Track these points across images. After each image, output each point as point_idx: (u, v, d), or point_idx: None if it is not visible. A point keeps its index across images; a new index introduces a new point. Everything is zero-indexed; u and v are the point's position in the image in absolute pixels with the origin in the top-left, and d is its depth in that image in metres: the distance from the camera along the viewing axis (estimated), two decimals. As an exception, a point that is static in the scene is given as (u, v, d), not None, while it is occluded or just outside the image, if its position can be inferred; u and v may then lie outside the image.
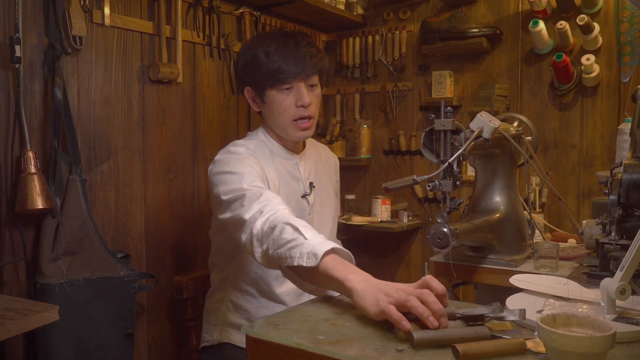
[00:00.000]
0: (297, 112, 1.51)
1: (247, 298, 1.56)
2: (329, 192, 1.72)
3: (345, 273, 1.02)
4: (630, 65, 2.16)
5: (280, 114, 1.52)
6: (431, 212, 2.68)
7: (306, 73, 1.50)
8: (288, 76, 1.48)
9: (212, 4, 2.18)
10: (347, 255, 1.11)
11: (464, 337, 0.87)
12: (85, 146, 1.76)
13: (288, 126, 1.53)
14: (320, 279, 1.09)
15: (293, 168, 1.61)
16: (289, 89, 1.50)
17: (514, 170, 1.55)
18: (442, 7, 2.59)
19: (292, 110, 1.51)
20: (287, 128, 1.54)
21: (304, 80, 1.51)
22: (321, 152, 1.77)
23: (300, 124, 1.52)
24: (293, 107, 1.51)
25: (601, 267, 1.27)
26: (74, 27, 1.65)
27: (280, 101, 1.51)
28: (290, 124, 1.52)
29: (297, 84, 1.50)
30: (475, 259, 1.48)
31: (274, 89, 1.51)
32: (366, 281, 1.00)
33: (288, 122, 1.52)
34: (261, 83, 1.52)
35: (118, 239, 1.86)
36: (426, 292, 0.91)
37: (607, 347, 0.75)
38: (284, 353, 0.92)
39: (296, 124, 1.52)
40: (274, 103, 1.52)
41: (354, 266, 1.07)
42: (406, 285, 0.97)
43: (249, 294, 1.56)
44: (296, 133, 1.54)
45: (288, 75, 1.48)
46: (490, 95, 2.32)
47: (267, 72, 1.49)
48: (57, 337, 1.55)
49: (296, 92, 1.51)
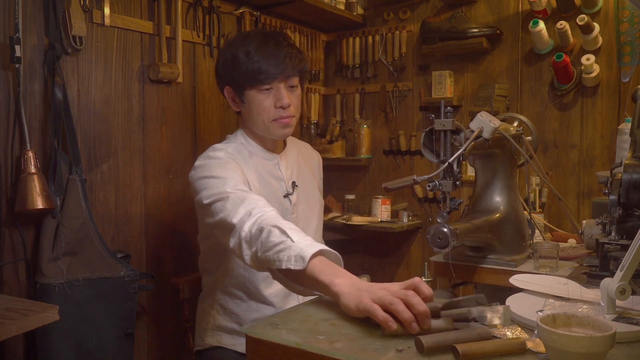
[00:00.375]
0: (277, 113, 1.51)
1: (236, 302, 1.57)
2: (313, 190, 1.71)
3: (332, 277, 1.02)
4: (630, 65, 2.16)
5: (259, 114, 1.52)
6: (431, 212, 2.68)
7: (286, 74, 1.50)
8: (268, 77, 1.48)
9: (212, 4, 2.18)
10: (334, 257, 1.11)
11: (471, 340, 0.87)
12: (85, 146, 1.76)
13: (268, 125, 1.53)
14: (308, 282, 1.09)
15: (274, 168, 1.61)
16: (268, 89, 1.50)
17: (514, 170, 1.55)
18: (442, 7, 2.59)
19: (271, 111, 1.51)
20: (267, 127, 1.53)
21: (284, 81, 1.51)
22: (303, 150, 1.77)
23: (280, 120, 1.52)
24: (272, 107, 1.51)
25: (601, 267, 1.27)
26: (74, 27, 1.65)
27: (259, 101, 1.51)
28: (270, 123, 1.52)
29: (277, 85, 1.50)
30: (475, 259, 1.48)
31: (253, 89, 1.50)
32: (352, 284, 1.00)
33: (268, 122, 1.52)
34: (241, 83, 1.52)
35: (118, 239, 1.86)
36: (411, 293, 0.91)
37: (607, 347, 0.75)
38: (284, 353, 0.92)
39: (276, 122, 1.52)
40: (253, 103, 1.52)
41: (341, 269, 1.07)
42: (392, 285, 0.97)
43: (238, 297, 1.56)
44: (277, 131, 1.54)
45: (268, 75, 1.48)
46: (490, 95, 2.32)
47: (247, 72, 1.48)
48: (57, 337, 1.55)
49: (276, 92, 1.51)
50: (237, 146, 1.58)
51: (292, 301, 1.54)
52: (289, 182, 1.62)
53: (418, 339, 0.86)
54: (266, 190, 1.56)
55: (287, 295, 1.54)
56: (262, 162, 1.59)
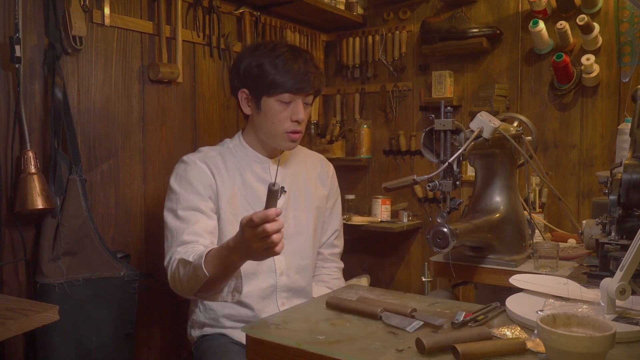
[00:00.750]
0: (291, 126, 1.58)
1: None
2: (309, 201, 1.71)
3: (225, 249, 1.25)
4: (630, 65, 2.16)
5: (274, 124, 1.58)
6: (431, 212, 2.68)
7: (307, 91, 1.57)
8: (291, 91, 1.55)
9: (212, 4, 2.18)
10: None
11: (471, 340, 0.87)
12: (85, 146, 1.76)
13: (279, 136, 1.59)
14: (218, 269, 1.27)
15: (263, 172, 1.65)
16: (288, 102, 1.56)
17: (514, 170, 1.55)
18: (442, 7, 2.59)
19: (286, 123, 1.58)
20: (277, 137, 1.60)
21: (303, 97, 1.58)
22: (308, 160, 1.79)
23: (291, 135, 1.59)
24: (288, 120, 1.57)
25: (601, 267, 1.27)
26: (74, 27, 1.65)
27: (277, 112, 1.57)
28: (282, 134, 1.59)
29: (296, 100, 1.57)
30: (475, 259, 1.48)
31: (272, 98, 1.56)
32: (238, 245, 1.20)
33: (280, 133, 1.58)
34: (262, 90, 1.57)
35: (118, 239, 1.86)
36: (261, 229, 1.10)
37: (607, 347, 0.75)
38: (284, 353, 0.92)
39: (288, 135, 1.59)
40: (270, 112, 1.57)
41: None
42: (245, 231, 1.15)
43: None
44: (285, 144, 1.61)
45: (292, 90, 1.55)
46: (490, 95, 2.32)
47: (273, 82, 1.54)
48: (57, 337, 1.55)
49: (294, 107, 1.58)
50: (224, 150, 1.66)
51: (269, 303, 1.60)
52: None
53: (419, 339, 0.86)
54: (248, 193, 1.62)
55: (263, 297, 1.60)
56: (251, 165, 1.65)
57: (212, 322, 1.61)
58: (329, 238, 1.80)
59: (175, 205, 1.53)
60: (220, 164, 1.61)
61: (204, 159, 1.60)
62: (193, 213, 1.51)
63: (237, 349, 1.53)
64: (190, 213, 1.51)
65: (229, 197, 1.59)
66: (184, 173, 1.57)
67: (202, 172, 1.57)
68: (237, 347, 1.55)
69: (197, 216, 1.51)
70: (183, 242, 1.46)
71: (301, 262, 1.66)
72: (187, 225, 1.49)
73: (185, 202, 1.53)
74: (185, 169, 1.58)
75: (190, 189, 1.54)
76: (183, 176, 1.57)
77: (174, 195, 1.55)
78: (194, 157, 1.61)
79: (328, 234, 1.80)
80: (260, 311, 1.58)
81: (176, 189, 1.56)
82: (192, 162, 1.59)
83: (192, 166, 1.58)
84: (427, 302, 1.21)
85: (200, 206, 1.53)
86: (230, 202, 1.58)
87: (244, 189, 1.61)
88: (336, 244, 1.82)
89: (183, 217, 1.50)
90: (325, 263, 1.79)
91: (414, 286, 2.67)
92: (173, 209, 1.53)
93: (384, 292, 1.31)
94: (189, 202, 1.53)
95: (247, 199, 1.61)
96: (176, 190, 1.55)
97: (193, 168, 1.58)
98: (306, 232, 1.68)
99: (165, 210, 1.56)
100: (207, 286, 1.33)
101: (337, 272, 1.81)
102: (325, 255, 1.79)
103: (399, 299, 1.22)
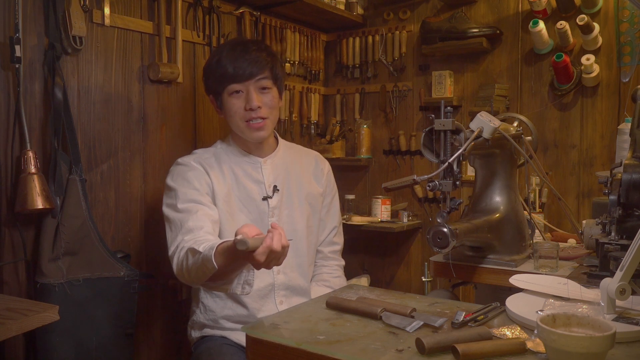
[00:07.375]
0: (247, 115, 1.59)
1: (215, 300, 1.63)
2: (302, 198, 1.71)
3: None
4: (630, 65, 2.16)
5: (232, 117, 1.61)
6: (431, 212, 2.68)
7: (253, 76, 1.57)
8: (235, 79, 1.57)
9: (212, 4, 2.18)
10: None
11: (471, 340, 0.87)
12: (85, 146, 1.76)
13: (242, 128, 1.61)
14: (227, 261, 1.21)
15: (255, 171, 1.66)
16: (238, 92, 1.59)
17: (514, 170, 1.55)
18: (442, 7, 2.59)
19: (241, 113, 1.59)
20: (242, 130, 1.62)
21: (254, 83, 1.58)
22: (302, 158, 1.78)
23: (252, 124, 1.59)
24: (242, 110, 1.59)
25: (601, 267, 1.27)
26: (74, 27, 1.65)
27: (231, 104, 1.60)
28: (243, 125, 1.60)
29: (247, 88, 1.58)
30: (475, 259, 1.48)
31: (225, 93, 1.60)
32: None
33: (242, 124, 1.60)
34: (216, 89, 1.62)
35: (118, 239, 1.86)
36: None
37: (607, 347, 0.75)
38: (284, 353, 0.92)
39: (248, 125, 1.60)
40: (227, 107, 1.61)
41: None
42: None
43: (217, 295, 1.62)
44: (250, 134, 1.61)
45: (234, 78, 1.57)
46: (490, 95, 2.33)
47: (218, 77, 1.59)
48: (57, 337, 1.55)
49: (246, 95, 1.58)
50: (217, 150, 1.68)
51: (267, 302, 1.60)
52: (269, 186, 1.65)
53: (419, 339, 0.86)
54: (241, 193, 1.62)
55: (261, 297, 1.60)
56: (242, 165, 1.66)
57: (211, 323, 1.61)
58: (327, 235, 1.79)
59: (174, 200, 1.52)
60: (215, 165, 1.62)
61: (198, 160, 1.62)
62: (193, 204, 1.50)
63: (233, 351, 1.53)
64: (191, 204, 1.50)
65: (225, 195, 1.59)
66: (180, 173, 1.58)
67: (198, 172, 1.58)
68: (233, 349, 1.54)
69: (198, 207, 1.50)
70: (189, 230, 1.43)
71: (296, 259, 1.66)
72: (190, 214, 1.47)
73: (184, 196, 1.52)
74: (181, 169, 1.59)
75: (187, 185, 1.55)
76: (180, 175, 1.58)
77: (172, 192, 1.55)
78: (188, 158, 1.63)
79: (327, 232, 1.79)
80: (259, 310, 1.58)
81: (173, 186, 1.56)
82: (187, 163, 1.61)
83: (188, 167, 1.59)
84: (427, 302, 1.21)
85: (199, 199, 1.53)
86: (226, 200, 1.59)
87: (238, 189, 1.62)
88: (335, 241, 1.82)
89: (184, 209, 1.49)
90: (325, 261, 1.79)
91: (414, 286, 2.67)
92: (172, 204, 1.53)
93: (384, 292, 1.31)
94: (188, 196, 1.52)
95: (240, 199, 1.62)
96: (173, 187, 1.55)
97: (189, 168, 1.59)
98: (300, 229, 1.68)
99: (164, 206, 1.56)
100: (215, 276, 1.30)
101: (338, 269, 1.81)
102: (325, 253, 1.79)
103: (399, 299, 1.22)
